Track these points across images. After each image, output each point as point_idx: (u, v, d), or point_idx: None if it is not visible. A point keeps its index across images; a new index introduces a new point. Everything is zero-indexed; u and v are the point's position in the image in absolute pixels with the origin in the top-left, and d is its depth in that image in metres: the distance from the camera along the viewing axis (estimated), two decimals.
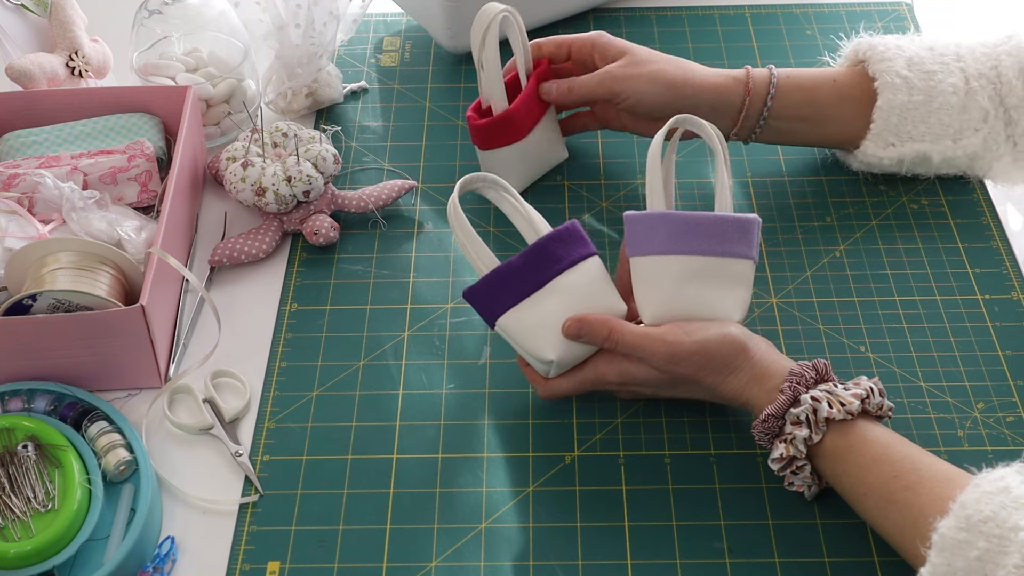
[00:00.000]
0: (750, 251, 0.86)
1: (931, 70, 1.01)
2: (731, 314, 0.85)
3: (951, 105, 1.01)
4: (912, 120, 1.01)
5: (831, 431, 0.80)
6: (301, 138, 1.05)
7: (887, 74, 1.01)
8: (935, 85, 1.01)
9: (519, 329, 0.86)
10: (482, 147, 1.04)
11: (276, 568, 0.82)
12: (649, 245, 0.86)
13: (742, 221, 0.86)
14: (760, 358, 0.83)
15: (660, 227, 0.86)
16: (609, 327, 0.85)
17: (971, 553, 0.68)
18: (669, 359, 0.83)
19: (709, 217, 0.85)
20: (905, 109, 1.01)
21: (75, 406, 0.88)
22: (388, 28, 1.30)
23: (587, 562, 0.82)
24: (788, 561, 0.81)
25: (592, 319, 0.85)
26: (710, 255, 0.85)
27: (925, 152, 1.03)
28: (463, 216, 0.87)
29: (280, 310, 0.99)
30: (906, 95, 1.00)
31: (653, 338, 0.84)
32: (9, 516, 0.79)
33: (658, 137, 0.87)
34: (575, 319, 0.85)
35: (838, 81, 1.03)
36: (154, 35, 1.15)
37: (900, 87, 1.00)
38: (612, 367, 0.86)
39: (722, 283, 0.85)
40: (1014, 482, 0.71)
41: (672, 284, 0.85)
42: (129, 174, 1.01)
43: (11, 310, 0.88)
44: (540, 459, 0.88)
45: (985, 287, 1.00)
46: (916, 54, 1.02)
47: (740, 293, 0.86)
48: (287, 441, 0.89)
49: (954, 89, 1.01)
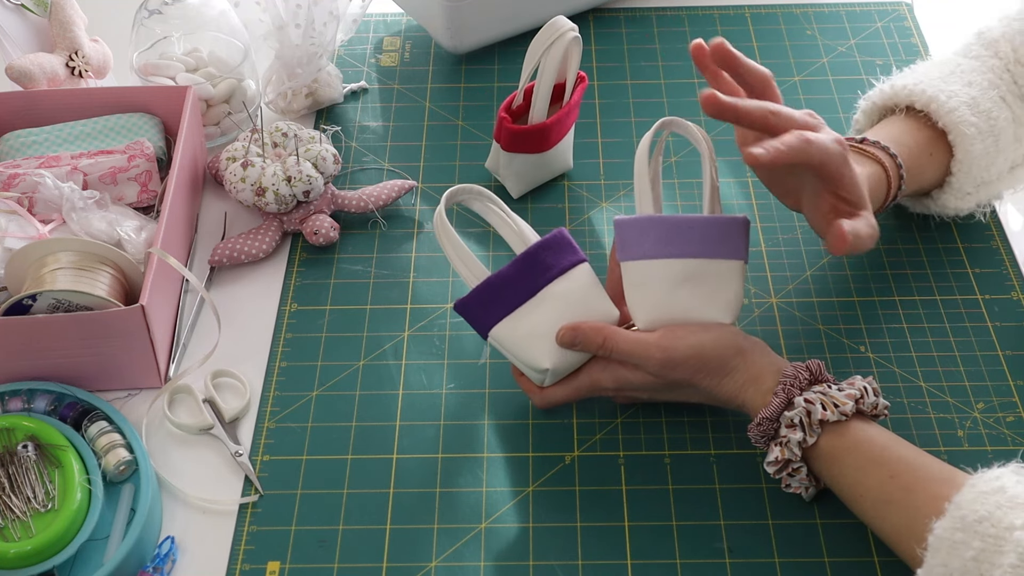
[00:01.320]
0: (740, 252, 0.86)
1: (987, 108, 0.97)
2: (723, 315, 0.85)
3: (1010, 138, 0.98)
4: (985, 165, 0.98)
5: (826, 433, 0.80)
6: (301, 138, 1.05)
7: (962, 125, 0.95)
8: (994, 124, 0.97)
9: (512, 339, 0.86)
10: (506, 148, 1.04)
11: (276, 568, 0.82)
12: (639, 249, 0.86)
13: (730, 222, 0.86)
14: (755, 360, 0.83)
15: (649, 231, 0.85)
16: (603, 335, 0.84)
17: (967, 553, 0.68)
18: (664, 364, 0.83)
19: (698, 219, 0.85)
20: (979, 157, 0.97)
21: (75, 406, 0.88)
22: (388, 28, 1.30)
23: (587, 562, 0.82)
24: (788, 561, 0.81)
25: (586, 327, 0.85)
26: (700, 257, 0.85)
27: (998, 192, 1.01)
28: (450, 228, 0.87)
29: (280, 310, 0.99)
30: (980, 144, 0.96)
31: (648, 344, 0.83)
32: (9, 516, 0.79)
33: (644, 141, 0.87)
34: (569, 327, 0.85)
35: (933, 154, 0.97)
36: (154, 35, 1.15)
37: (975, 137, 0.96)
38: (607, 374, 0.86)
39: (713, 285, 0.85)
40: (1009, 482, 0.70)
41: (664, 288, 0.85)
42: (129, 174, 1.01)
43: (11, 310, 0.88)
44: (540, 459, 0.88)
45: (985, 287, 1.00)
46: (967, 94, 0.97)
47: (731, 294, 0.86)
48: (287, 441, 0.89)
49: (1006, 123, 0.98)
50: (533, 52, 1.01)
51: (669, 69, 1.23)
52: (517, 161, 1.06)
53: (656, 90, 1.21)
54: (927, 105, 0.96)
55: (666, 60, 1.24)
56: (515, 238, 0.90)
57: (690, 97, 1.20)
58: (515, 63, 1.23)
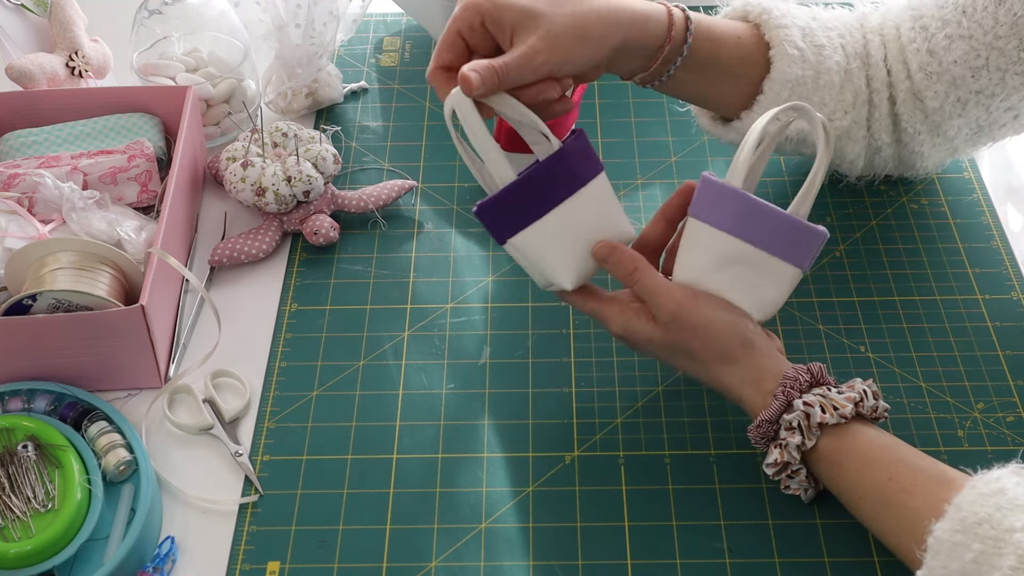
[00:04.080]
0: (803, 260, 0.84)
1: (820, 43, 0.95)
2: (754, 310, 0.84)
3: (832, 84, 0.96)
4: (798, 95, 0.95)
5: (825, 435, 0.79)
6: (301, 138, 1.05)
7: (784, 43, 0.94)
8: (823, 61, 0.95)
9: (535, 249, 0.84)
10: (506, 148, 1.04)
11: (276, 568, 0.82)
12: (713, 215, 0.84)
13: (808, 230, 0.83)
14: (762, 360, 0.83)
15: (729, 201, 0.83)
16: (636, 264, 0.84)
17: (966, 555, 0.68)
18: (674, 318, 0.83)
19: (779, 213, 0.83)
20: (796, 83, 0.94)
21: (75, 406, 0.88)
22: (388, 28, 1.30)
23: (587, 562, 0.82)
24: (788, 561, 0.81)
25: (624, 250, 0.85)
26: (765, 250, 0.83)
27: (804, 130, 0.97)
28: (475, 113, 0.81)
29: (280, 310, 0.99)
30: (799, 69, 0.94)
31: (670, 292, 0.83)
32: (9, 516, 0.79)
33: (765, 116, 0.84)
34: (608, 244, 0.85)
35: (741, 39, 0.95)
36: (154, 35, 1.15)
37: (795, 59, 0.94)
38: (619, 315, 0.86)
39: (761, 279, 0.84)
40: (1009, 483, 0.70)
41: (713, 259, 0.84)
42: (129, 174, 1.01)
43: (11, 310, 0.88)
44: (540, 459, 0.88)
45: (985, 287, 1.00)
46: (807, 24, 0.96)
47: (774, 294, 0.84)
48: (287, 441, 0.89)
49: (837, 67, 0.96)
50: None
51: None
52: (517, 161, 1.05)
53: None
54: (759, 16, 0.95)
55: None
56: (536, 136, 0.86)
57: None
58: None
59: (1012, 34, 0.91)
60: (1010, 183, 1.17)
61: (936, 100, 0.97)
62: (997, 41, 0.92)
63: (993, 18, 0.92)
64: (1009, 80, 0.93)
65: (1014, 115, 0.97)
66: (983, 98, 0.95)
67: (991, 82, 0.94)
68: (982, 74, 0.94)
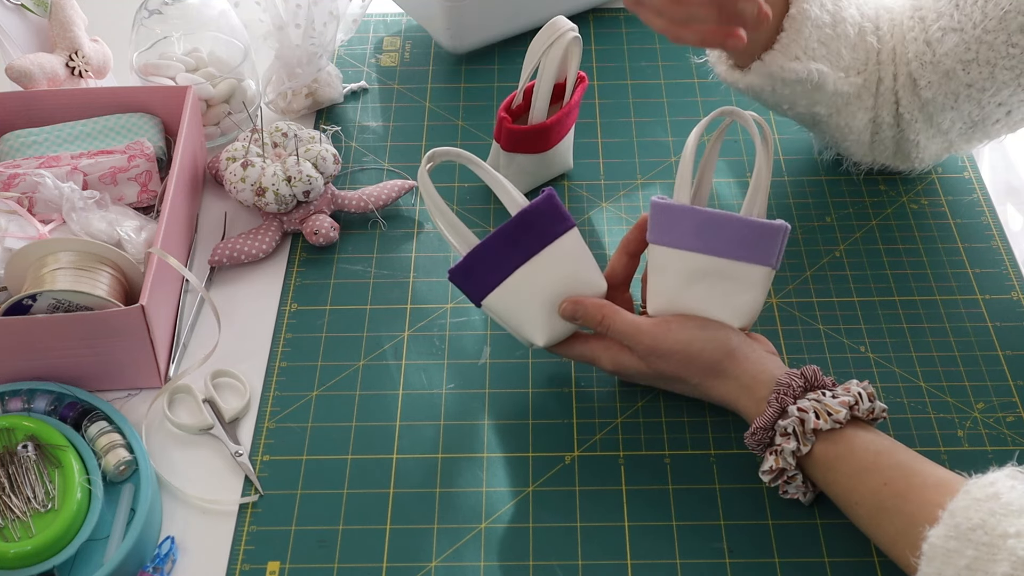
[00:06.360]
0: (770, 258, 0.84)
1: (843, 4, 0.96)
2: (734, 319, 0.85)
3: (848, 36, 0.96)
4: (818, 38, 0.94)
5: (820, 440, 0.79)
6: (301, 138, 1.05)
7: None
8: (840, 11, 0.95)
9: (507, 309, 0.87)
10: (506, 148, 1.04)
11: (276, 568, 0.82)
12: (668, 236, 0.85)
13: (766, 227, 0.84)
14: (750, 366, 0.83)
15: (682, 220, 0.84)
16: (603, 312, 0.86)
17: (960, 562, 0.68)
18: (651, 352, 0.84)
19: (733, 219, 0.84)
20: (815, 24, 0.94)
21: (75, 406, 0.88)
22: (388, 28, 1.30)
23: (587, 562, 0.82)
24: (788, 561, 0.81)
25: (588, 302, 0.86)
26: (726, 257, 0.84)
27: (823, 75, 0.96)
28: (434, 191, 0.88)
29: (280, 310, 0.99)
30: (818, 9, 0.94)
31: (640, 329, 0.85)
32: (9, 516, 0.79)
33: (697, 128, 0.86)
34: (572, 301, 0.86)
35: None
36: (154, 35, 1.15)
37: (814, 2, 0.93)
38: (607, 353, 0.88)
39: (732, 287, 0.85)
40: (1004, 488, 0.70)
41: (682, 279, 0.85)
42: (129, 174, 1.01)
43: (11, 310, 0.88)
44: (540, 459, 0.88)
45: (985, 287, 1.00)
46: None
47: (749, 299, 0.85)
48: (287, 441, 0.89)
49: (852, 21, 0.96)
50: (533, 52, 1.01)
51: (669, 69, 1.23)
52: (517, 161, 1.06)
53: (656, 90, 1.21)
54: None
55: (666, 60, 1.24)
56: (508, 198, 0.89)
57: (690, 97, 1.20)
58: (515, 63, 1.23)
59: (1000, 28, 0.92)
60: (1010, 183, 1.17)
61: (929, 90, 0.97)
62: (986, 35, 0.92)
63: (982, 12, 0.92)
64: (999, 75, 0.94)
65: (1006, 111, 0.97)
66: (974, 92, 0.96)
67: (981, 76, 0.94)
68: (972, 68, 0.94)
